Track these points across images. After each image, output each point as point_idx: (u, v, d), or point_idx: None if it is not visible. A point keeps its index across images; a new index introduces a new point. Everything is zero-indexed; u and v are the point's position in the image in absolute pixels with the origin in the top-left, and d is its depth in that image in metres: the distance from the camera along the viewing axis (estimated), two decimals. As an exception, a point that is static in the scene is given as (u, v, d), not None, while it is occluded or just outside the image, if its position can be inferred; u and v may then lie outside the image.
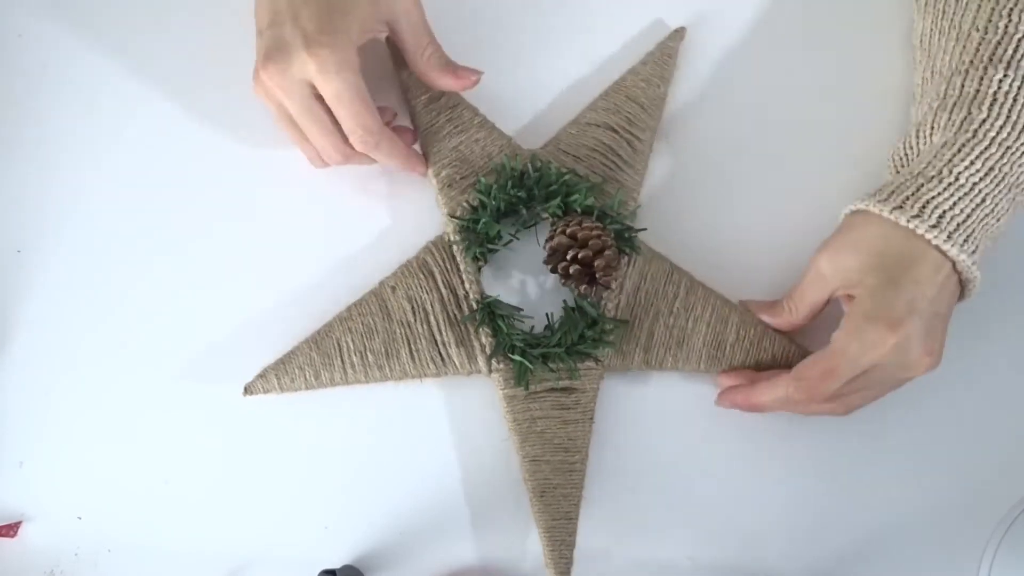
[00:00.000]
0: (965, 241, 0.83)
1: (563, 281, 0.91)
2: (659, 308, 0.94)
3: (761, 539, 0.95)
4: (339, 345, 0.94)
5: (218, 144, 1.00)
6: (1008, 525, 0.89)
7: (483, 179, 0.95)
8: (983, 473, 0.96)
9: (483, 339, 0.93)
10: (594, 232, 0.91)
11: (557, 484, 0.92)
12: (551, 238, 0.92)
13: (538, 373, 0.92)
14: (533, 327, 0.95)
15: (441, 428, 0.96)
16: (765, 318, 0.94)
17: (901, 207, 0.83)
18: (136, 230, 0.99)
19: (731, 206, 0.99)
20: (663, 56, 0.99)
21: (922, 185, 0.84)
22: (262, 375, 0.94)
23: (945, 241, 0.83)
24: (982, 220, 0.84)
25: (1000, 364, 0.97)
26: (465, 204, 0.95)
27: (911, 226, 0.83)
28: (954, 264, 0.84)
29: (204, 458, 0.96)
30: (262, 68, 0.87)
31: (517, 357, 0.92)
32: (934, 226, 0.82)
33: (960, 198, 0.83)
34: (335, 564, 0.94)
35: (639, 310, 0.94)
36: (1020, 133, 0.84)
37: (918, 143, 0.89)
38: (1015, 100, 0.84)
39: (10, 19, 1.03)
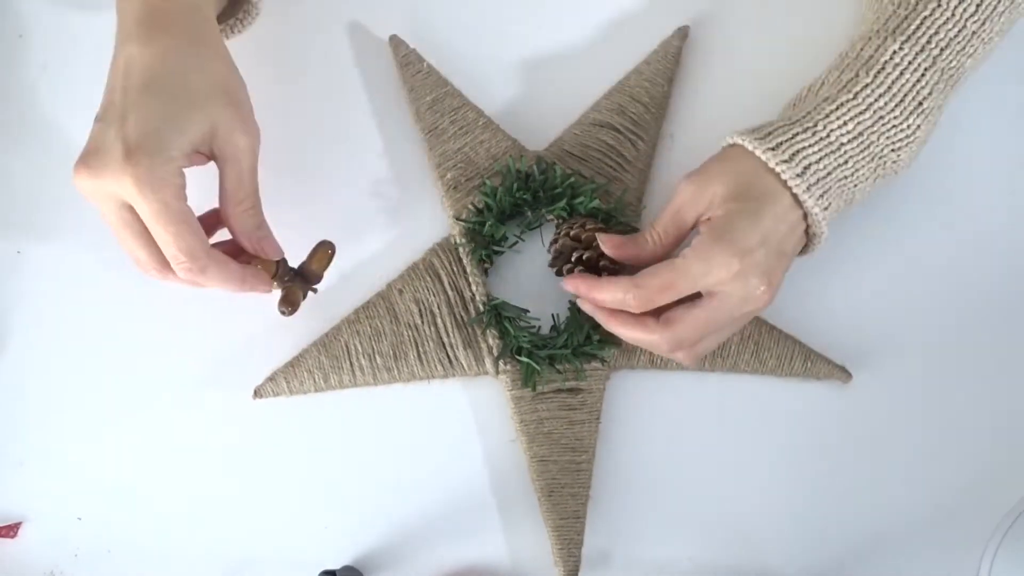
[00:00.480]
0: (821, 196, 0.85)
1: None
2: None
3: (761, 539, 0.96)
4: (347, 348, 0.94)
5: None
6: (1008, 525, 0.90)
7: (488, 181, 0.95)
8: (983, 473, 0.96)
9: (490, 341, 0.94)
10: (597, 232, 0.91)
11: (565, 484, 0.92)
12: (555, 241, 0.93)
13: (545, 374, 0.92)
14: (539, 328, 0.95)
15: (448, 429, 0.96)
16: (627, 251, 0.90)
17: (774, 149, 0.84)
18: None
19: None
20: (667, 55, 0.99)
21: (797, 134, 0.85)
22: (271, 378, 0.95)
23: (804, 191, 0.84)
24: (840, 181, 0.86)
25: (1000, 364, 0.97)
26: (471, 206, 0.95)
27: (778, 169, 0.84)
28: (806, 215, 0.85)
29: (204, 459, 0.96)
30: (76, 170, 0.81)
31: (524, 358, 0.92)
32: (798, 175, 0.84)
33: (827, 155, 0.85)
34: (335, 564, 0.94)
35: (645, 311, 0.94)
36: (896, 105, 0.86)
37: (807, 95, 0.91)
38: (901, 72, 0.86)
39: (10, 19, 1.02)
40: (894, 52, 0.86)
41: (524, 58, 1.01)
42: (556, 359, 0.92)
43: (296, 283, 0.91)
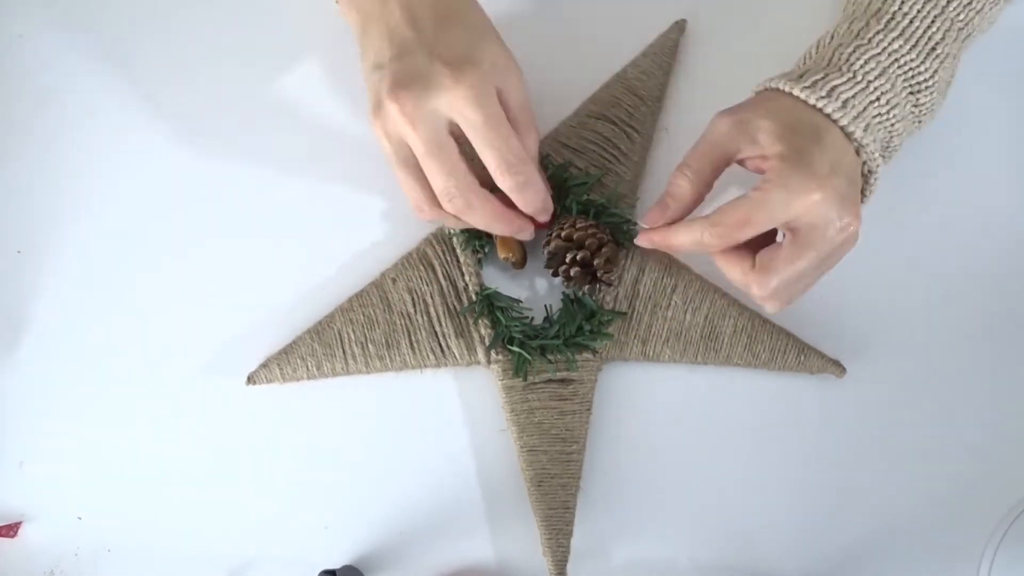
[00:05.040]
0: (866, 129, 0.85)
1: (566, 284, 0.92)
2: (657, 300, 0.94)
3: (754, 535, 0.95)
4: (340, 336, 0.94)
5: (220, 143, 1.00)
6: (1008, 525, 0.89)
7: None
8: (983, 473, 0.95)
9: (482, 330, 0.94)
10: (589, 231, 0.91)
11: (555, 474, 0.92)
12: (547, 243, 0.93)
13: (536, 364, 0.92)
14: (532, 319, 0.95)
15: (441, 422, 0.96)
16: (664, 214, 0.88)
17: (812, 87, 0.85)
18: (135, 230, 0.99)
19: (730, 199, 0.98)
20: (664, 48, 0.99)
21: (828, 73, 0.86)
22: (265, 365, 0.95)
23: (850, 123, 0.84)
24: (877, 115, 0.86)
25: (999, 361, 0.97)
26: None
27: (819, 105, 0.84)
28: (858, 148, 0.86)
29: (204, 458, 0.96)
30: (392, 97, 0.83)
31: (515, 348, 0.92)
32: (840, 107, 0.84)
33: (859, 91, 0.85)
34: (335, 564, 0.94)
35: (637, 302, 0.94)
36: (911, 48, 0.87)
37: (818, 50, 0.91)
38: (911, 20, 0.87)
39: (10, 19, 1.03)
40: (902, 3, 0.88)
41: (521, 49, 0.99)
42: (547, 349, 0.92)
43: None
